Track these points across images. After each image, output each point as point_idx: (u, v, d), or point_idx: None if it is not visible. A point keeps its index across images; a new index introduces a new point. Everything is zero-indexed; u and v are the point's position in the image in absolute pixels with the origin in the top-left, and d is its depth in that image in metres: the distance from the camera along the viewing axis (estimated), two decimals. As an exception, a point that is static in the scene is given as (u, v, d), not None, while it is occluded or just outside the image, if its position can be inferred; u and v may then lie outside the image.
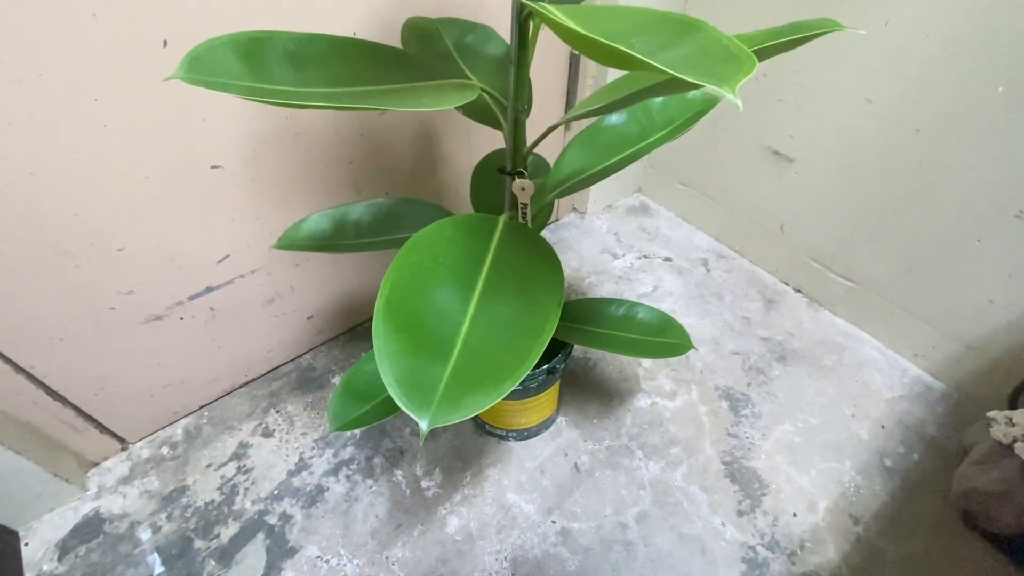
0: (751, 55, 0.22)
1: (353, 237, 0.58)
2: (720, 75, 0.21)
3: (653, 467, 0.76)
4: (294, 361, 0.89)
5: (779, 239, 0.97)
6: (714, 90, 0.20)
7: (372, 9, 0.62)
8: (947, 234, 0.74)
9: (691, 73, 0.21)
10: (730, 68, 0.21)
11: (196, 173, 0.60)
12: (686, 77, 0.20)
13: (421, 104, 0.33)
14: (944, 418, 0.81)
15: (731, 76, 0.20)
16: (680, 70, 0.22)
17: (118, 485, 0.74)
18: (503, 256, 0.42)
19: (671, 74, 0.20)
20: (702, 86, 0.20)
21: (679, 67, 0.22)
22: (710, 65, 0.22)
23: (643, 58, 0.21)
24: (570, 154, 0.55)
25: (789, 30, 0.32)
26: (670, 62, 0.23)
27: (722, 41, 0.24)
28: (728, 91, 0.20)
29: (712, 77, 0.20)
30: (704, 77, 0.20)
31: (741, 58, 0.22)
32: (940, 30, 0.64)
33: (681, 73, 0.21)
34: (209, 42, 0.32)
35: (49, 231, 0.54)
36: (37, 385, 0.64)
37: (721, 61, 0.23)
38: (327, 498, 0.73)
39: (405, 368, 0.33)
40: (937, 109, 0.68)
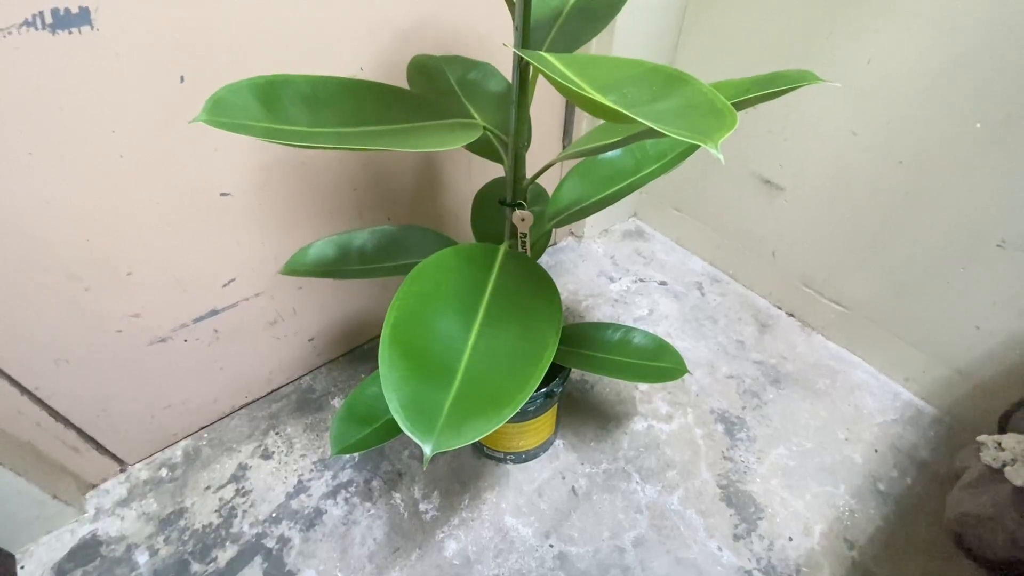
0: (733, 111, 0.24)
1: (357, 263, 0.60)
2: (704, 130, 0.23)
3: (650, 491, 0.76)
4: (294, 383, 0.90)
5: (771, 264, 1.00)
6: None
7: (379, 46, 0.65)
8: (933, 262, 0.77)
9: (678, 128, 0.23)
10: (714, 123, 0.23)
11: (206, 200, 0.62)
12: (673, 134, 0.22)
13: (428, 144, 0.35)
14: (936, 442, 0.82)
15: (714, 132, 0.22)
16: (668, 124, 0.24)
17: (116, 507, 0.74)
18: (503, 285, 0.44)
19: (660, 131, 0.22)
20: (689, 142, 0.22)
21: (667, 120, 0.24)
22: (695, 119, 0.24)
23: (632, 116, 0.23)
24: (567, 186, 0.57)
25: (769, 81, 0.34)
26: (659, 115, 0.25)
27: (707, 95, 0.26)
28: (711, 146, 0.22)
29: (697, 132, 0.23)
30: (690, 133, 0.22)
31: (724, 113, 0.24)
32: (920, 69, 0.68)
33: (668, 128, 0.23)
34: (230, 86, 0.35)
35: (61, 256, 0.56)
36: (41, 406, 0.65)
37: (706, 115, 0.25)
38: (325, 521, 0.73)
39: (409, 394, 0.34)
40: (919, 143, 0.71)
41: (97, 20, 0.47)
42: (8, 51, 0.45)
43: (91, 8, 0.46)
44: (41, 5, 0.44)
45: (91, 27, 0.47)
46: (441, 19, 0.68)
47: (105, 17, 0.47)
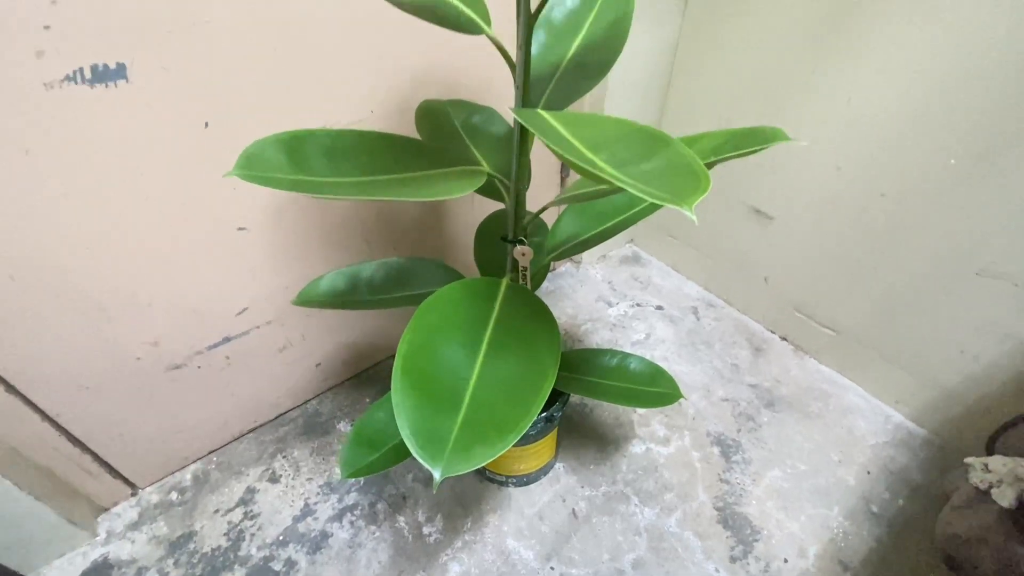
0: (707, 175, 0.27)
1: (367, 294, 0.63)
2: (681, 193, 0.26)
3: (648, 513, 0.78)
4: (301, 407, 0.93)
5: (764, 290, 1.03)
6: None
7: (388, 90, 0.69)
8: (916, 289, 0.80)
9: (659, 191, 0.27)
10: (690, 186, 0.27)
11: (224, 235, 0.66)
12: (652, 199, 0.25)
13: (438, 193, 0.39)
14: (927, 463, 0.84)
15: (690, 195, 0.26)
16: (650, 185, 0.27)
17: (127, 531, 0.76)
18: (505, 317, 0.47)
19: (640, 195, 0.25)
20: (669, 206, 0.26)
21: (650, 182, 0.28)
22: (674, 181, 0.28)
23: (620, 180, 0.27)
24: (565, 221, 0.61)
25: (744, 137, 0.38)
26: (643, 176, 0.29)
27: (686, 158, 0.30)
28: (687, 209, 0.25)
29: (675, 195, 0.26)
30: (668, 196, 0.26)
31: (700, 177, 0.28)
32: (896, 108, 0.72)
33: (650, 191, 0.26)
34: (259, 141, 0.38)
35: (89, 289, 0.59)
36: (60, 432, 0.67)
37: (684, 177, 0.28)
38: (331, 544, 0.75)
39: (420, 421, 0.37)
40: (899, 177, 0.75)
41: (132, 74, 0.51)
42: (51, 103, 0.49)
43: (127, 64, 0.50)
44: (81, 62, 0.49)
45: (126, 80, 0.51)
46: (447, 65, 0.73)
47: (139, 71, 0.51)
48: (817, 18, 0.75)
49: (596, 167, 0.29)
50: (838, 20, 0.73)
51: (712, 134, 0.42)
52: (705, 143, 0.41)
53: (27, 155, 0.50)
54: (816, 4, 0.74)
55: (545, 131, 0.33)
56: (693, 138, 0.43)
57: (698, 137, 0.42)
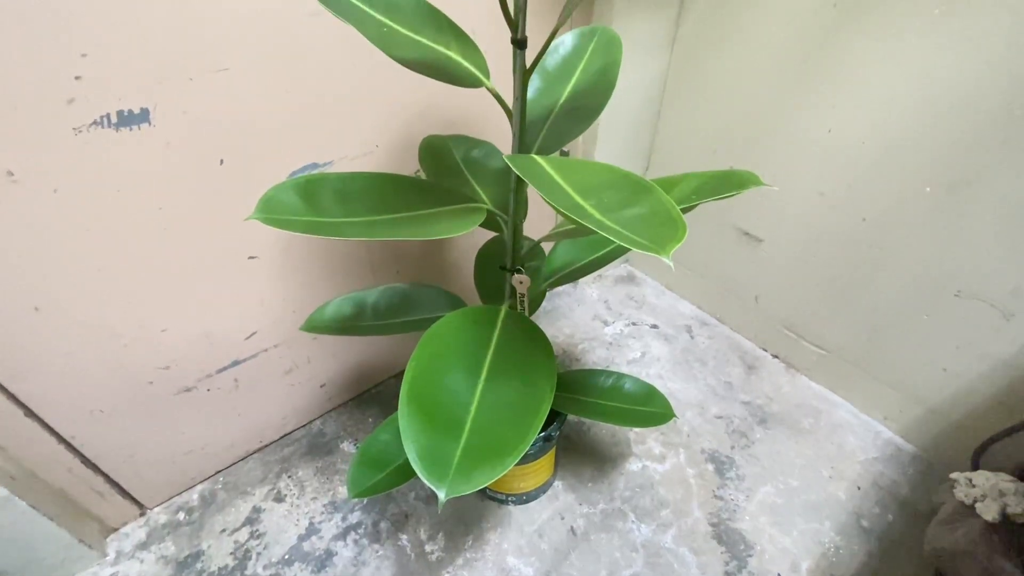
0: (684, 224, 0.31)
1: (371, 319, 0.66)
2: (661, 241, 0.29)
3: (645, 530, 0.80)
4: (305, 427, 0.95)
5: (755, 309, 1.06)
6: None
7: (393, 126, 0.73)
8: (899, 309, 0.83)
9: (639, 238, 0.30)
10: (668, 234, 0.30)
11: (236, 263, 0.69)
12: (634, 247, 0.29)
13: (440, 231, 0.42)
14: (915, 479, 0.87)
15: (667, 243, 0.29)
16: (632, 232, 0.31)
17: (136, 550, 0.78)
18: (504, 344, 0.50)
19: (622, 244, 0.29)
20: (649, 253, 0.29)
21: (633, 228, 0.31)
22: (655, 229, 0.31)
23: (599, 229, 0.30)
24: (560, 249, 0.64)
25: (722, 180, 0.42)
26: (627, 222, 0.32)
27: (666, 206, 0.33)
28: (664, 256, 0.28)
29: (654, 244, 0.29)
30: (648, 244, 0.29)
31: (677, 225, 0.31)
32: (873, 139, 0.76)
33: (631, 237, 0.30)
34: (278, 186, 0.42)
35: (107, 317, 0.62)
36: (74, 454, 0.70)
37: (664, 224, 0.31)
38: (336, 562, 0.77)
39: (425, 445, 0.40)
40: (878, 203, 0.79)
41: (155, 118, 0.55)
42: (79, 146, 0.52)
43: (150, 108, 0.54)
44: (109, 108, 0.52)
45: (149, 124, 0.55)
46: (448, 101, 0.77)
47: (161, 115, 0.55)
48: (797, 55, 0.79)
49: (584, 215, 0.32)
50: (817, 57, 0.77)
51: (691, 176, 0.45)
52: (686, 185, 0.44)
53: (55, 193, 0.53)
54: (796, 42, 0.79)
55: (538, 178, 0.36)
56: (674, 180, 0.46)
57: (679, 179, 0.46)
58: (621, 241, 0.29)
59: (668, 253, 0.28)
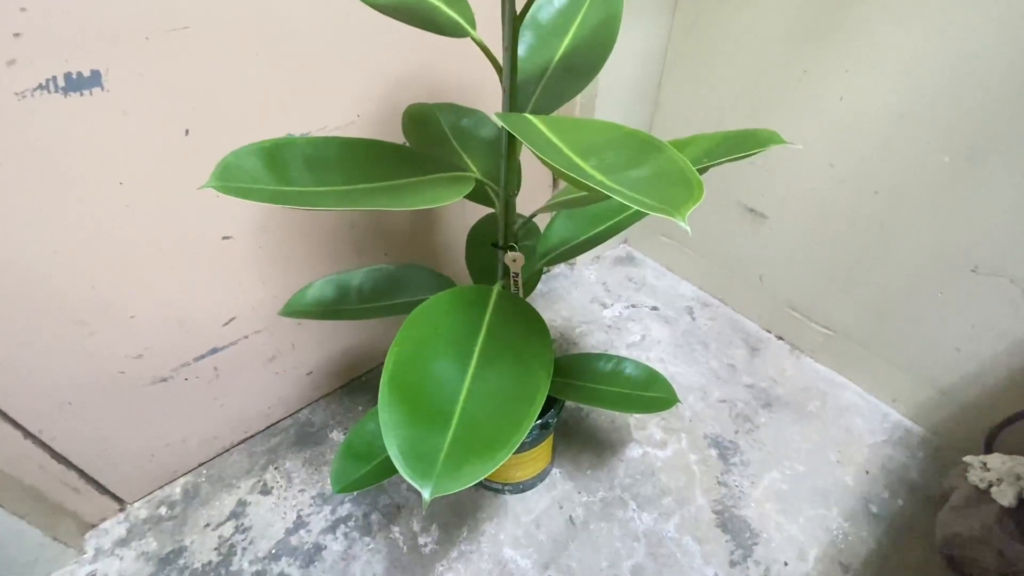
0: (700, 183, 0.26)
1: (356, 303, 0.62)
2: (674, 202, 0.25)
3: (646, 518, 0.77)
4: (292, 416, 0.91)
5: (759, 289, 1.02)
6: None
7: (376, 94, 0.68)
8: (910, 287, 0.80)
9: (650, 199, 0.25)
10: (682, 194, 0.26)
11: (208, 244, 0.64)
12: (642, 208, 0.24)
13: (424, 201, 0.38)
14: (925, 462, 0.84)
15: (682, 204, 0.25)
16: (641, 193, 0.26)
17: (115, 547, 0.74)
18: (496, 327, 0.46)
19: (629, 204, 0.24)
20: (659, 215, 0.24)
21: (641, 190, 0.27)
22: (666, 189, 0.27)
23: (609, 188, 0.25)
24: (557, 225, 0.60)
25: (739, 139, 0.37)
26: (633, 184, 0.28)
27: (679, 164, 0.29)
28: (679, 219, 0.24)
29: (667, 204, 0.25)
30: (660, 205, 0.25)
31: (692, 185, 0.26)
32: (889, 106, 0.71)
33: (641, 200, 0.25)
34: (237, 151, 0.37)
35: (68, 303, 0.58)
36: (44, 449, 0.65)
37: (676, 185, 0.27)
38: (325, 557, 0.73)
39: (408, 439, 0.36)
40: (892, 175, 0.75)
41: (107, 82, 0.50)
42: (23, 114, 0.47)
43: (102, 71, 0.49)
44: (55, 70, 0.47)
45: (102, 88, 0.50)
46: (435, 68, 0.72)
47: (115, 79, 0.50)
48: (809, 16, 0.74)
49: (585, 174, 0.28)
50: (830, 18, 0.72)
51: (704, 137, 0.41)
52: (697, 147, 0.40)
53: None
54: (806, 3, 0.73)
55: (532, 137, 0.32)
56: (684, 141, 0.42)
57: (689, 140, 0.41)
58: (629, 203, 0.25)
59: (684, 215, 0.24)
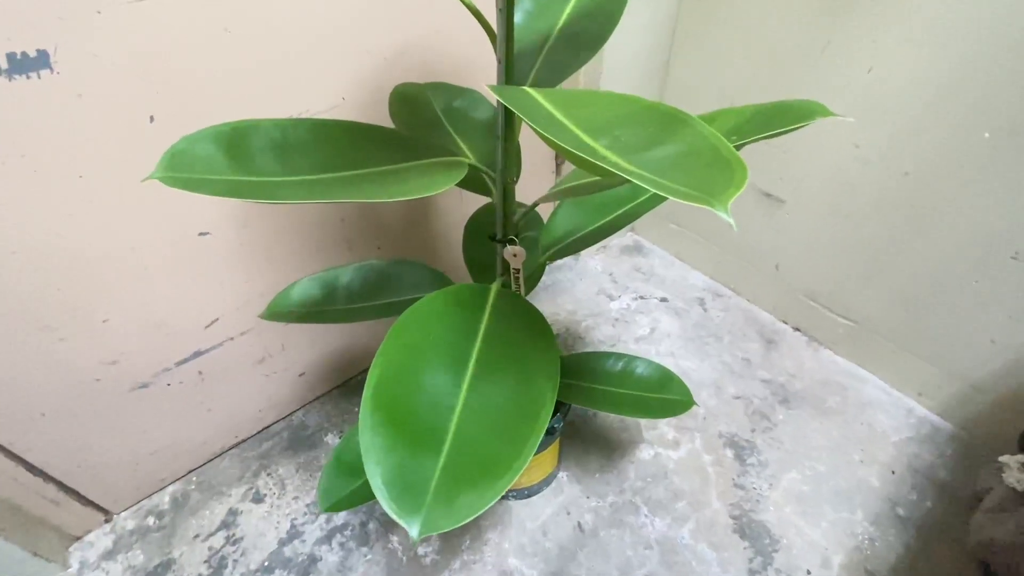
0: (742, 163, 0.21)
1: (344, 303, 0.57)
2: (710, 188, 0.20)
3: (659, 524, 0.73)
4: (286, 419, 0.87)
5: (775, 278, 0.97)
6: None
7: (361, 75, 0.63)
8: (942, 275, 0.74)
9: (679, 184, 0.20)
10: (721, 179, 0.21)
11: (183, 241, 0.59)
12: (673, 196, 0.19)
13: (409, 191, 0.33)
14: (954, 461, 0.79)
15: (722, 191, 0.20)
16: (665, 177, 0.21)
17: (101, 560, 0.71)
18: (495, 331, 0.41)
19: (658, 192, 0.19)
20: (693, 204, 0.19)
21: (665, 172, 0.22)
22: (699, 173, 0.21)
23: (627, 170, 0.20)
24: (561, 214, 0.55)
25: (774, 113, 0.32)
26: (655, 165, 0.22)
27: (711, 141, 0.23)
28: (721, 210, 0.19)
29: (701, 191, 0.20)
30: (694, 192, 0.20)
31: (732, 166, 0.21)
32: (923, 78, 0.65)
33: (669, 186, 0.20)
34: (190, 136, 0.32)
35: (31, 307, 0.53)
36: (17, 462, 0.61)
37: (710, 167, 0.22)
38: (320, 569, 0.70)
39: (393, 466, 0.31)
40: (925, 154, 0.69)
41: (56, 63, 0.44)
42: (-38, 99, 0.42)
43: (49, 50, 0.44)
44: (-4, 50, 0.42)
45: (50, 70, 0.44)
46: (425, 45, 0.66)
47: (65, 59, 0.45)
48: (834, -20, 0.68)
49: (596, 156, 0.23)
50: (858, -19, 0.66)
51: (730, 111, 0.35)
52: (723, 123, 0.34)
53: (-60, 160, 0.43)
54: (832, -36, 0.67)
55: (532, 112, 0.26)
56: (708, 117, 0.36)
57: (714, 116, 0.36)
58: (655, 189, 0.19)
59: (725, 205, 0.19)
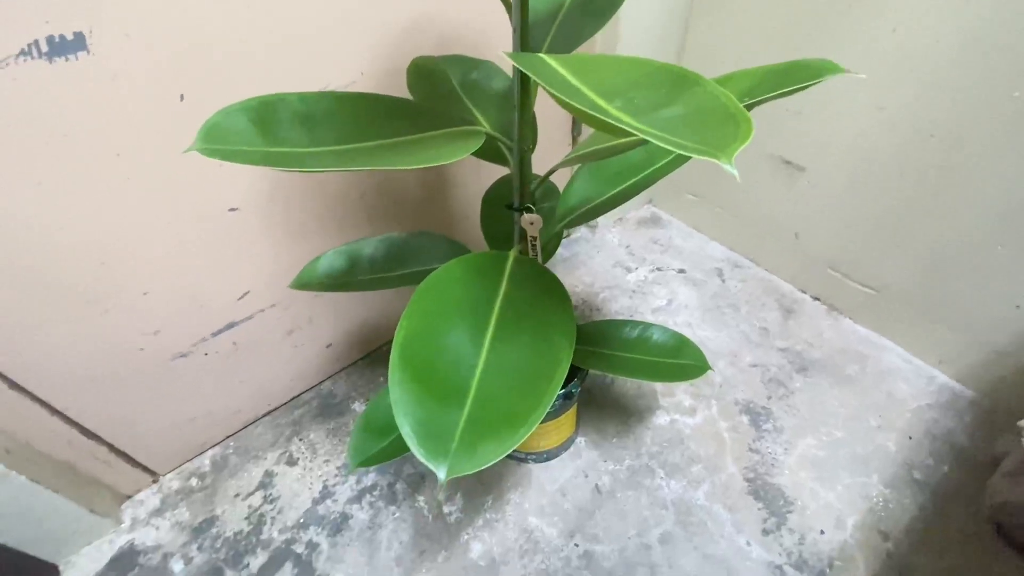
0: (748, 118, 0.22)
1: (368, 273, 0.59)
2: (717, 143, 0.21)
3: (675, 486, 0.75)
4: (315, 388, 0.91)
5: (794, 247, 0.96)
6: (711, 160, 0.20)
7: (379, 50, 0.63)
8: (967, 240, 0.73)
9: (687, 140, 0.21)
10: (727, 133, 0.22)
11: (214, 216, 0.62)
12: (680, 149, 0.20)
13: (428, 158, 0.34)
14: (974, 427, 0.79)
15: (728, 144, 0.21)
16: (676, 135, 0.22)
17: (150, 517, 0.76)
18: (513, 295, 0.43)
19: (665, 147, 0.20)
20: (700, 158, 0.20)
21: (676, 131, 0.23)
22: (707, 129, 0.22)
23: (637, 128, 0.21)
24: (577, 184, 0.55)
25: (786, 73, 0.32)
26: (665, 124, 0.23)
27: (720, 99, 0.24)
28: (725, 162, 0.20)
29: (708, 145, 0.21)
30: (700, 146, 0.21)
31: (739, 121, 0.22)
32: (950, 35, 0.63)
33: (676, 141, 0.21)
34: (223, 110, 0.34)
35: (78, 281, 0.57)
36: (71, 425, 0.66)
37: (719, 123, 0.23)
38: (352, 525, 0.74)
39: (421, 417, 0.34)
40: (951, 115, 0.67)
41: (92, 44, 0.46)
42: (7, 82, 0.45)
43: (85, 33, 0.46)
44: (35, 34, 0.44)
45: (87, 52, 0.46)
46: (441, 17, 0.66)
47: (99, 41, 0.47)
48: (859, -65, 0.65)
49: (609, 116, 0.24)
50: (884, -65, 0.63)
51: (743, 74, 0.36)
52: (735, 85, 0.35)
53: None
54: (858, -82, 0.65)
55: (548, 77, 0.28)
56: (721, 79, 0.37)
57: (727, 78, 0.36)
58: (663, 145, 0.21)
59: (730, 157, 0.20)
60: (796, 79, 0.31)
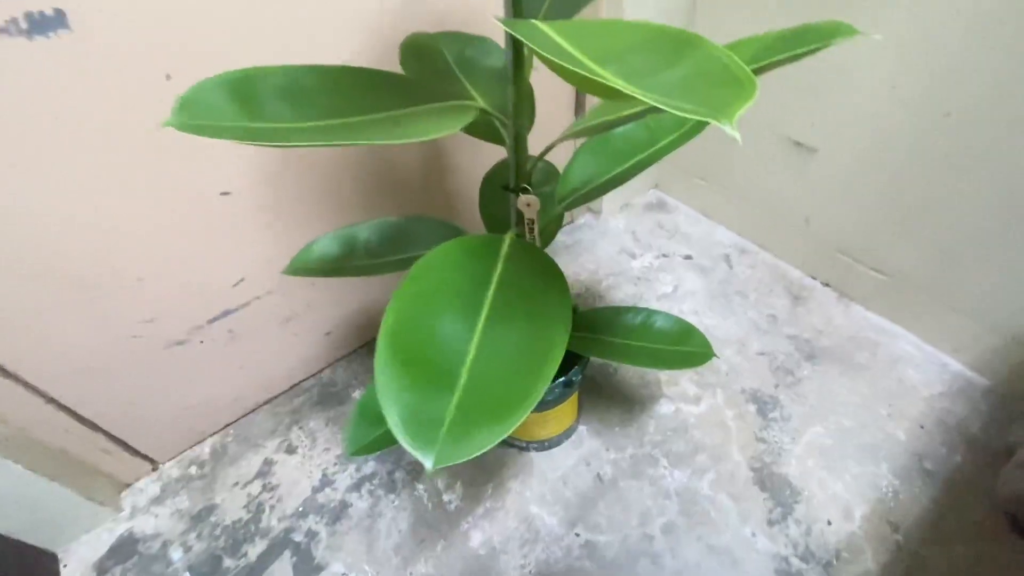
0: (752, 78, 0.20)
1: (364, 258, 0.58)
2: (717, 104, 0.19)
3: (679, 475, 0.74)
4: (314, 376, 0.90)
5: (804, 232, 0.94)
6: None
7: (370, 27, 0.61)
8: (983, 225, 0.70)
9: (685, 103, 0.20)
10: (729, 94, 0.20)
11: (205, 201, 0.61)
12: (677, 111, 0.18)
13: (417, 133, 0.32)
14: (988, 416, 0.77)
15: (728, 104, 0.19)
16: (674, 98, 0.20)
17: (150, 505, 0.76)
18: (509, 279, 0.41)
19: (661, 107, 0.19)
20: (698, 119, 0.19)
21: (674, 94, 0.21)
22: (708, 91, 0.21)
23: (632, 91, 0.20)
24: (578, 164, 0.54)
25: (797, 37, 0.30)
26: (664, 88, 0.21)
27: (722, 60, 0.22)
28: (726, 123, 0.18)
29: (708, 107, 0.19)
30: (700, 108, 0.19)
31: (742, 81, 0.20)
32: (970, 8, 0.60)
33: (674, 104, 0.19)
34: (201, 83, 0.32)
35: (72, 267, 0.56)
36: (68, 413, 0.66)
37: (720, 85, 0.21)
38: (351, 514, 0.73)
39: (408, 405, 0.32)
40: (969, 94, 0.64)
41: (73, 21, 0.45)
42: (-12, 61, 0.43)
43: (65, 9, 0.44)
44: (13, 11, 0.43)
45: (68, 29, 0.45)
46: (435, -8, 0.64)
47: (80, 18, 0.45)
48: (875, -99, 0.62)
49: (605, 79, 0.22)
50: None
51: (751, 40, 0.34)
52: (743, 51, 0.33)
53: (-27, 122, 0.45)
54: None
55: (540, 42, 0.26)
56: (730, 45, 0.35)
57: (736, 44, 0.34)
58: (663, 107, 0.19)
59: (732, 117, 0.18)
60: (806, 41, 0.29)
